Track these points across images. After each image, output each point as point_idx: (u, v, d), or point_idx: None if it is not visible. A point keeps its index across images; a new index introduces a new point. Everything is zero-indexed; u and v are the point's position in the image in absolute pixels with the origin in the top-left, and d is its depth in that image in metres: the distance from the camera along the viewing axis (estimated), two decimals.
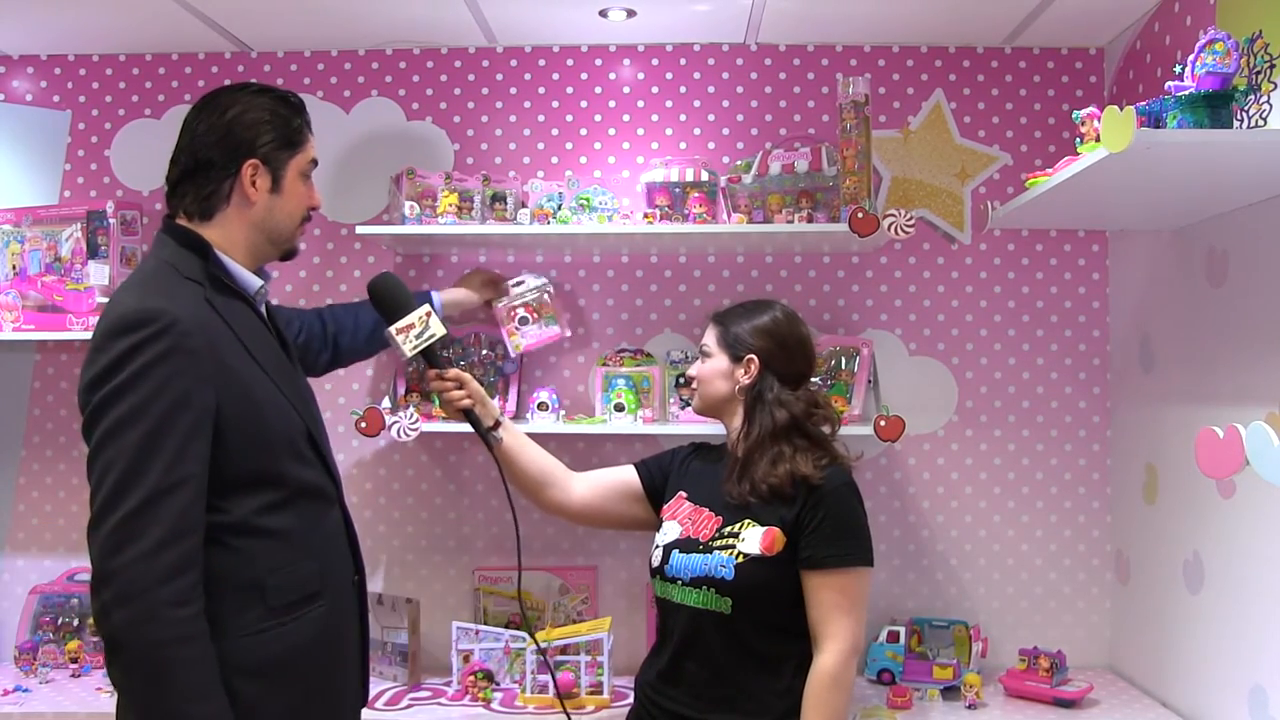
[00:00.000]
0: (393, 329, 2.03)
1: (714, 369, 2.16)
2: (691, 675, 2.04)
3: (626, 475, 2.28)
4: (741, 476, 2.07)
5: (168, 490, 1.57)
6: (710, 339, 2.19)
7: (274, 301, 2.00)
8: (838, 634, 1.97)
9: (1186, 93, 1.87)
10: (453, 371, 2.12)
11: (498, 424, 2.19)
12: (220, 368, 1.66)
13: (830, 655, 1.97)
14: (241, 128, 1.78)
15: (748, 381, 2.13)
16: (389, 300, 2.07)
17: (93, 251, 2.87)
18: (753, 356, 2.13)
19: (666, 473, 2.25)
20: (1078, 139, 2.16)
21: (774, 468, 2.04)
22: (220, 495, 1.64)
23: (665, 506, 2.19)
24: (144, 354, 1.59)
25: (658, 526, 2.21)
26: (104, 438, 1.59)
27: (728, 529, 2.05)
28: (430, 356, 2.08)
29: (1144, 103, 1.92)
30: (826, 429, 2.14)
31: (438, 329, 2.05)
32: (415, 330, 2.02)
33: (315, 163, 1.89)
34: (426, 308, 2.05)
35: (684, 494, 2.18)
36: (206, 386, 1.63)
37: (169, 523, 1.57)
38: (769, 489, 2.03)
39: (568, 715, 2.35)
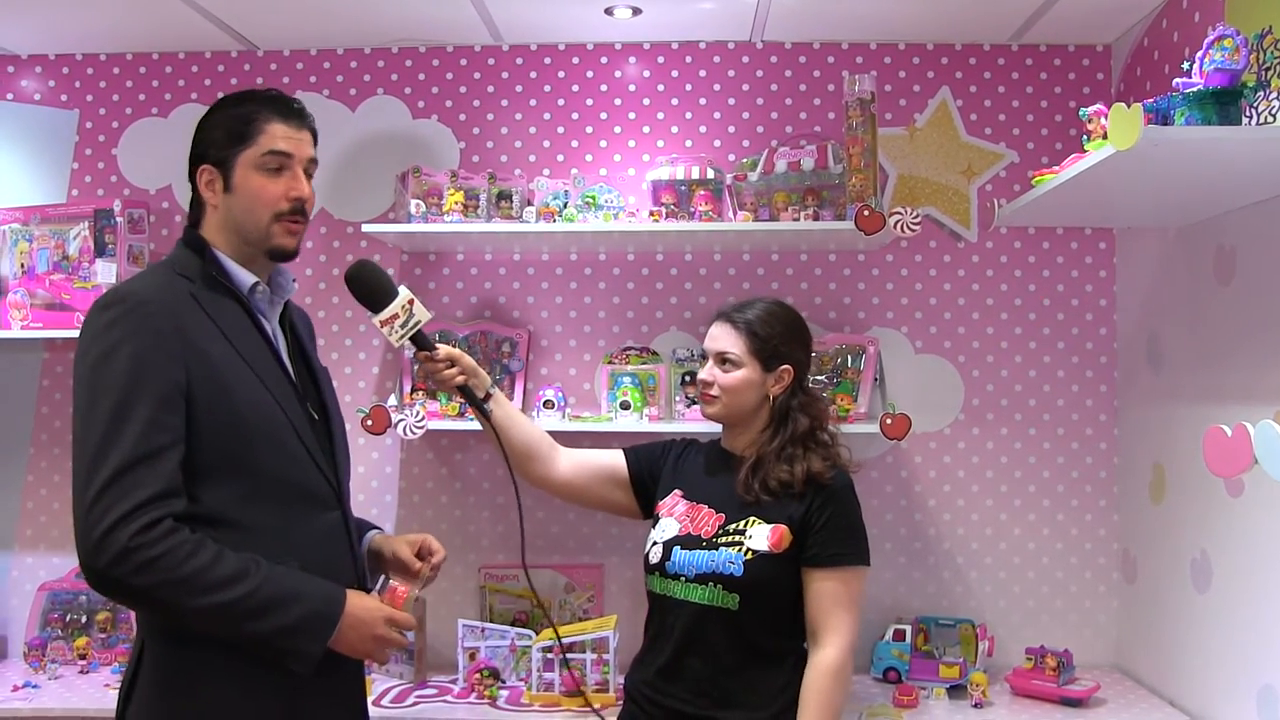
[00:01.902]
0: (377, 320, 2.02)
1: (745, 380, 2.10)
2: (694, 671, 2.03)
3: (614, 460, 2.27)
4: (754, 475, 2.07)
5: (144, 459, 1.59)
6: (736, 347, 2.10)
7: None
8: (840, 629, 1.99)
9: (1195, 89, 1.86)
10: (443, 350, 2.11)
11: (489, 395, 2.19)
12: (190, 349, 1.67)
13: (833, 650, 1.98)
14: (200, 135, 1.83)
15: (780, 392, 2.12)
16: (369, 291, 2.02)
17: (100, 250, 2.89)
18: (789, 368, 2.11)
19: (656, 466, 2.25)
20: (1085, 136, 2.15)
21: (791, 466, 2.05)
22: (193, 483, 1.65)
23: (660, 504, 2.19)
24: (112, 332, 1.65)
25: (639, 516, 2.24)
26: (78, 414, 1.64)
27: (732, 526, 2.05)
28: (419, 341, 2.07)
29: (1152, 100, 1.91)
30: (833, 431, 2.15)
31: (422, 314, 2.03)
32: (400, 320, 2.01)
33: (281, 154, 1.80)
34: (407, 294, 2.02)
35: (679, 491, 2.17)
36: (175, 363, 1.65)
37: (150, 489, 1.58)
38: (779, 484, 2.04)
39: None
